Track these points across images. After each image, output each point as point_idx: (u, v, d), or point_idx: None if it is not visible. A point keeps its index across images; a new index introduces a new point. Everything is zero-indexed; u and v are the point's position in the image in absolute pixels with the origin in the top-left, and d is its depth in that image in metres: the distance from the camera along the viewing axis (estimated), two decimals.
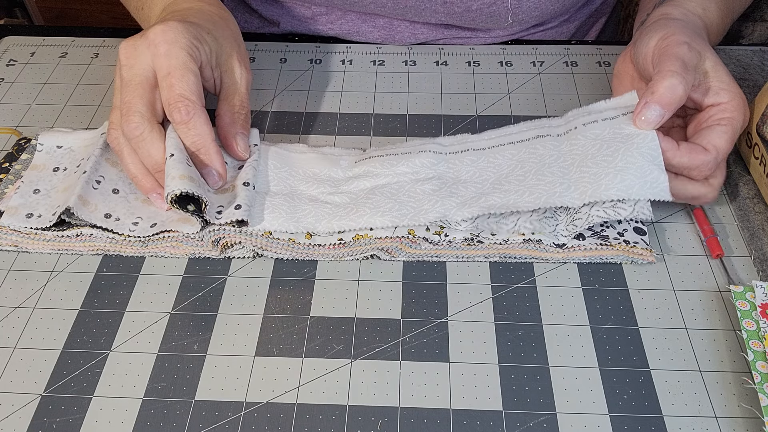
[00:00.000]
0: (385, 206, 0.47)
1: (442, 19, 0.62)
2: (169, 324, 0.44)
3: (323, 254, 0.47)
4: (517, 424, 0.39)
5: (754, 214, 0.47)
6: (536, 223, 0.46)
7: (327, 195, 0.49)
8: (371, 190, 0.49)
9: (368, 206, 0.47)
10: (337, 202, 0.48)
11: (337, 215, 0.47)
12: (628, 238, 0.46)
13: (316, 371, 0.41)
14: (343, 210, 0.47)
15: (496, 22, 0.62)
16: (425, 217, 0.46)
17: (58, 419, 0.39)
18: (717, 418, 0.39)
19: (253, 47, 0.65)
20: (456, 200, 0.47)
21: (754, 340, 0.40)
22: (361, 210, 0.47)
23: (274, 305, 0.45)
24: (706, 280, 0.45)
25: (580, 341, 0.42)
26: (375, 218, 0.46)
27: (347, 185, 0.50)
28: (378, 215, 0.46)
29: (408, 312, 0.44)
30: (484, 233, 0.46)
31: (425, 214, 0.46)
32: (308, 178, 0.51)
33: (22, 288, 0.46)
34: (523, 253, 0.46)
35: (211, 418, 0.39)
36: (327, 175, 0.51)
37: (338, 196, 0.49)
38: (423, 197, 0.47)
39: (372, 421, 0.39)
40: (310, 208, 0.48)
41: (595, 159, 0.46)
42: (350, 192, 0.49)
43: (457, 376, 0.41)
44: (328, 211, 0.47)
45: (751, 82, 0.57)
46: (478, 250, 0.46)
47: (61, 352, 0.43)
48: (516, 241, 0.46)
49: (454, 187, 0.48)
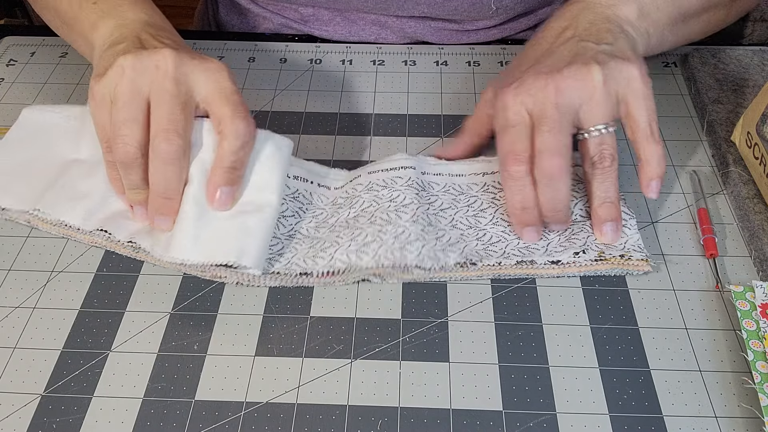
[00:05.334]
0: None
1: (425, 11, 0.62)
2: (169, 324, 0.44)
3: (313, 282, 0.46)
4: (517, 423, 0.39)
5: (753, 214, 0.47)
6: (524, 250, 0.46)
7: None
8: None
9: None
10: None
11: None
12: (623, 252, 0.45)
13: (316, 371, 0.41)
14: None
15: (480, 11, 0.62)
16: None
17: (58, 419, 0.39)
18: (717, 418, 0.39)
19: (252, 47, 0.65)
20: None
21: (754, 340, 0.40)
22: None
23: (274, 305, 0.45)
24: (707, 280, 0.45)
25: (580, 341, 0.42)
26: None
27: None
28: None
29: (408, 312, 0.44)
30: (475, 258, 0.46)
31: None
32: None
33: (22, 288, 0.46)
34: (517, 272, 0.46)
35: (211, 418, 0.39)
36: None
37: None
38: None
39: (372, 421, 0.39)
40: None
41: None
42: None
43: (457, 376, 0.41)
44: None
45: (751, 82, 0.57)
46: (471, 271, 0.45)
47: (61, 352, 0.42)
48: (509, 263, 0.45)
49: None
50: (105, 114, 0.45)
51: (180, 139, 0.44)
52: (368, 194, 0.49)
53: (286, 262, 0.46)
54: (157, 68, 0.44)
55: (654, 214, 0.49)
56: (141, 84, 0.44)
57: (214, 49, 0.65)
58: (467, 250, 0.46)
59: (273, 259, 0.46)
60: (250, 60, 0.64)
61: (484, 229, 0.47)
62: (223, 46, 0.65)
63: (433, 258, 0.45)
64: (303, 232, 0.48)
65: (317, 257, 0.46)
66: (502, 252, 0.46)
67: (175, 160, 0.44)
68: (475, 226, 0.48)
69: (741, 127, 0.50)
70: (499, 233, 0.47)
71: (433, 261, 0.45)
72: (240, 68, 0.63)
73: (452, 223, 0.48)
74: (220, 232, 0.45)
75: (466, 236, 0.47)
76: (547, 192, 0.44)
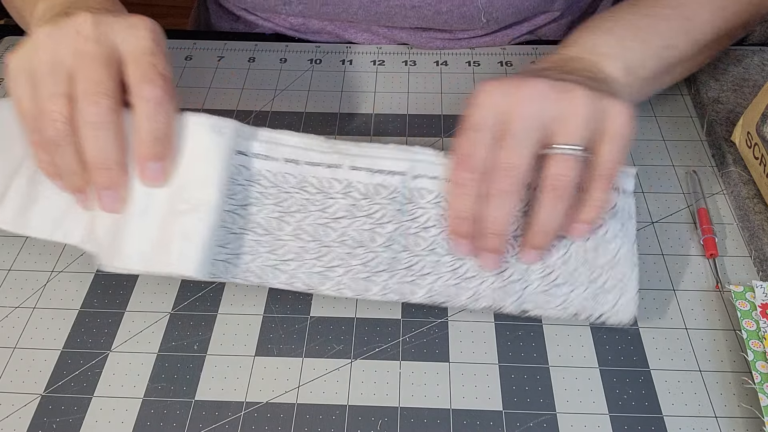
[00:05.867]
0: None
1: (414, 23, 0.62)
2: (169, 324, 0.44)
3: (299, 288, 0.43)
4: (517, 424, 0.39)
5: (754, 214, 0.47)
6: (499, 292, 0.42)
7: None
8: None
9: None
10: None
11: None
12: (610, 313, 0.41)
13: (316, 371, 0.41)
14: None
15: (470, 22, 0.62)
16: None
17: (58, 419, 0.39)
18: (717, 418, 0.39)
19: (252, 47, 0.65)
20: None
21: (754, 340, 0.40)
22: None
23: (274, 305, 0.45)
24: (707, 280, 0.45)
25: (579, 341, 0.42)
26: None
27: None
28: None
29: (408, 312, 0.44)
30: (440, 298, 0.43)
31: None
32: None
33: (22, 288, 0.46)
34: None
35: (211, 418, 0.39)
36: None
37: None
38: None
39: (372, 421, 0.39)
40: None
41: None
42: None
43: (457, 376, 0.41)
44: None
45: (751, 82, 0.57)
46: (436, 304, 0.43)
47: (61, 352, 0.42)
48: (475, 307, 0.42)
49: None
50: (22, 89, 0.40)
51: (107, 99, 0.39)
52: (345, 200, 0.44)
53: (244, 268, 0.42)
54: (77, 33, 0.40)
55: (654, 214, 0.49)
56: (62, 53, 0.40)
57: (214, 49, 0.65)
58: (437, 285, 0.42)
59: (229, 261, 0.42)
60: (250, 60, 0.63)
61: (462, 260, 0.43)
62: (223, 46, 0.65)
63: (398, 292, 0.42)
64: (264, 225, 0.43)
65: (277, 269, 0.42)
66: (473, 293, 0.42)
67: (106, 123, 0.39)
68: (455, 253, 0.43)
69: (741, 127, 0.50)
70: (477, 267, 0.42)
71: (398, 295, 0.42)
72: (240, 68, 0.63)
73: (431, 246, 0.43)
74: (160, 235, 0.40)
75: (441, 265, 0.42)
76: (491, 209, 0.40)
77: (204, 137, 0.41)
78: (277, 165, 0.44)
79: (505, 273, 0.42)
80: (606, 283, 0.41)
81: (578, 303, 0.41)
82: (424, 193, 0.44)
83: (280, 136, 0.44)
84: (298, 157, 0.44)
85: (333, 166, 0.44)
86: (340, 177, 0.44)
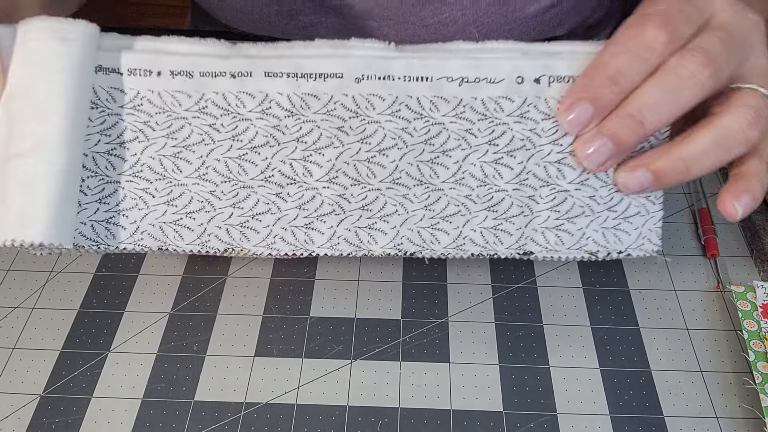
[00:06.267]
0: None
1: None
2: (169, 324, 0.44)
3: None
4: (518, 424, 0.39)
5: (755, 214, 0.47)
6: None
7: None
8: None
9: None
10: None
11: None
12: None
13: (315, 372, 0.41)
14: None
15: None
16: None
17: (57, 420, 0.39)
18: (718, 419, 0.39)
19: None
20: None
21: (756, 341, 0.40)
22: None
23: (273, 305, 0.45)
24: (707, 280, 0.45)
25: (580, 341, 0.42)
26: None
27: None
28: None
29: (408, 312, 0.44)
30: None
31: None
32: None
33: (21, 288, 0.46)
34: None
35: (211, 418, 0.39)
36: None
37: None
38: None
39: (372, 421, 0.39)
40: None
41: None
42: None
43: (458, 377, 0.41)
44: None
45: None
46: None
47: (60, 352, 0.42)
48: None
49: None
50: None
51: None
52: (263, 121, 0.33)
53: (132, 229, 0.33)
54: None
55: None
56: None
57: None
58: (405, 228, 0.33)
59: (111, 222, 0.33)
60: None
61: (440, 190, 0.33)
62: None
63: (351, 241, 0.33)
64: (154, 167, 0.33)
65: (180, 226, 0.34)
66: (456, 235, 0.33)
67: None
68: (492, 183, 0.33)
69: None
70: (460, 200, 0.33)
71: (351, 246, 0.33)
72: None
73: (393, 176, 0.33)
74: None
75: (409, 200, 0.33)
76: (658, 90, 0.31)
77: (41, 47, 0.30)
78: (163, 82, 0.32)
79: (501, 204, 0.33)
80: (628, 208, 0.34)
81: (597, 238, 0.34)
82: (375, 100, 0.32)
83: (163, 44, 0.33)
84: (191, 67, 0.32)
85: (241, 74, 0.33)
86: (251, 89, 0.33)
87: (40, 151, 0.30)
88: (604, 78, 0.32)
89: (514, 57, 0.32)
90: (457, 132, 0.33)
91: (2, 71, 0.30)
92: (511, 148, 0.33)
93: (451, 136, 0.33)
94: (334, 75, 0.32)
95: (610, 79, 0.32)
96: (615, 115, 0.32)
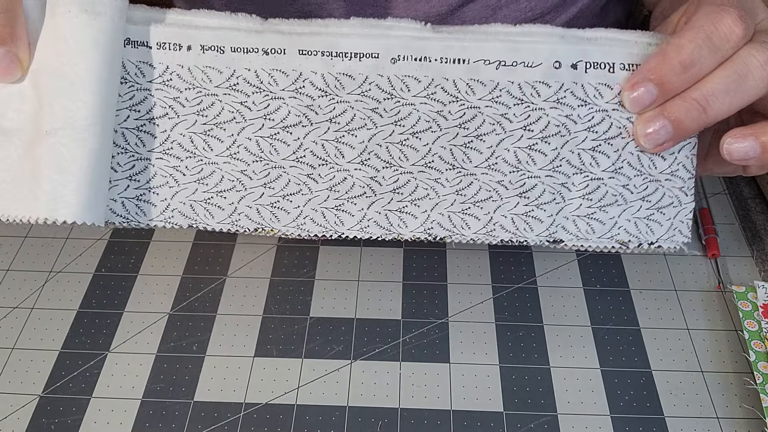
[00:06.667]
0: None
1: None
2: (168, 324, 0.44)
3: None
4: (518, 425, 0.38)
5: (756, 214, 0.47)
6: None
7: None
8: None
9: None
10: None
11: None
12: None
13: (315, 372, 0.41)
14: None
15: None
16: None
17: (57, 420, 0.39)
18: (719, 419, 0.38)
19: None
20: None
21: (756, 341, 0.40)
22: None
23: (273, 305, 0.45)
24: (708, 280, 0.45)
25: (581, 342, 0.42)
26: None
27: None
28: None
29: (408, 312, 0.44)
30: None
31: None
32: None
33: (20, 288, 0.46)
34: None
35: (210, 419, 0.39)
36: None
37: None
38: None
39: (372, 422, 0.39)
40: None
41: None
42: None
43: (458, 377, 0.41)
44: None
45: None
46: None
47: (59, 352, 0.42)
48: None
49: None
50: None
51: None
52: (296, 100, 0.32)
53: (163, 206, 0.33)
54: None
55: None
56: None
57: None
58: (436, 212, 0.32)
59: (142, 199, 0.33)
60: None
61: (472, 175, 0.32)
62: None
63: (381, 224, 0.33)
64: (185, 144, 0.33)
65: (211, 204, 0.33)
66: (487, 221, 0.32)
67: None
68: (525, 169, 0.32)
69: None
70: (492, 185, 0.32)
71: (382, 229, 0.33)
72: None
73: (426, 159, 0.33)
74: (21, 167, 0.30)
75: (441, 185, 0.33)
76: (726, 79, 0.32)
77: (70, 20, 0.29)
78: (193, 56, 0.32)
79: (533, 191, 0.33)
80: (662, 199, 0.34)
81: (629, 228, 0.33)
82: (410, 82, 0.32)
83: (193, 18, 0.32)
84: (221, 42, 0.32)
85: (274, 51, 0.32)
86: (285, 67, 0.32)
87: (72, 129, 0.30)
88: (676, 62, 0.32)
89: (552, 41, 0.32)
90: (492, 116, 0.32)
91: (30, 45, 0.30)
92: (546, 134, 0.33)
93: (485, 121, 0.32)
94: (369, 55, 0.32)
95: (681, 65, 0.32)
96: (680, 98, 0.32)
